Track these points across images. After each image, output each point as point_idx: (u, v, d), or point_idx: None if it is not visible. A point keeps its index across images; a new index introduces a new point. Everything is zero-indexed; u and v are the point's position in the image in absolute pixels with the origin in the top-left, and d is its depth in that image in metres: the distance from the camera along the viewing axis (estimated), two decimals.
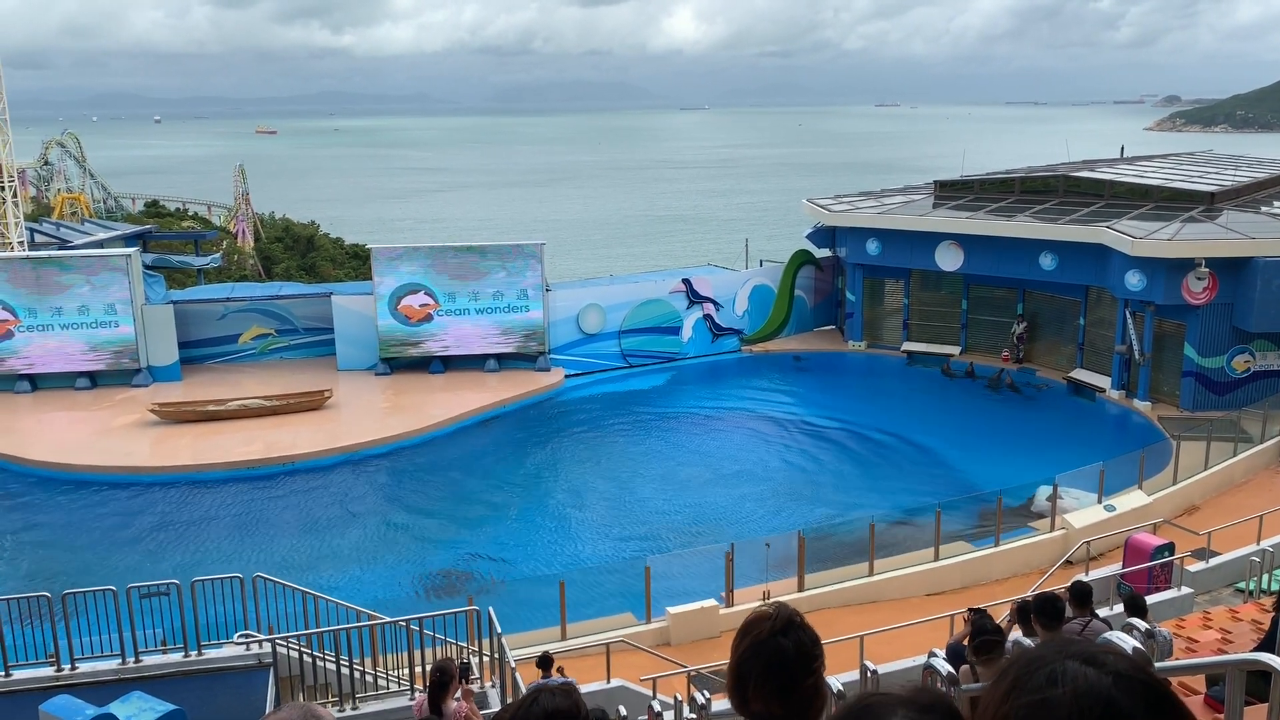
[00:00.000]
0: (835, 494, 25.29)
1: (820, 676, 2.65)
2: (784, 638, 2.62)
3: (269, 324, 34.34)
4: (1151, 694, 1.48)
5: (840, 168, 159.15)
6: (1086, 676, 1.48)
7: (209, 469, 25.86)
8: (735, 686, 2.65)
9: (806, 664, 2.62)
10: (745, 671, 2.61)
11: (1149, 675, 1.51)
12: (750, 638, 2.65)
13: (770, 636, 2.63)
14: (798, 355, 36.17)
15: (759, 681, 2.58)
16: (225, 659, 13.26)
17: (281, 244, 64.95)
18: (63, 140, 76.39)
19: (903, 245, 34.28)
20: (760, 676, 2.59)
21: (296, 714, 2.42)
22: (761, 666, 2.59)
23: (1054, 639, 1.62)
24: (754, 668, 2.60)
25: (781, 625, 2.65)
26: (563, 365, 33.61)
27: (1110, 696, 1.46)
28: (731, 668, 2.67)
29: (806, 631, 2.67)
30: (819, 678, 2.65)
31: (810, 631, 2.68)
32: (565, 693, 2.82)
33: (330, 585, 17.87)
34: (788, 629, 2.64)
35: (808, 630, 2.68)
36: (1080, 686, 1.47)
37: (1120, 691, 1.46)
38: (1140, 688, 1.48)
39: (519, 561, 21.82)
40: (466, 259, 32.88)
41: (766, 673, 2.58)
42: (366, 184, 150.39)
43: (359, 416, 29.31)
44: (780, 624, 2.65)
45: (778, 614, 2.69)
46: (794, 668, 2.59)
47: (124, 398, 30.71)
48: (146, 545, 22.44)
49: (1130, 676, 1.49)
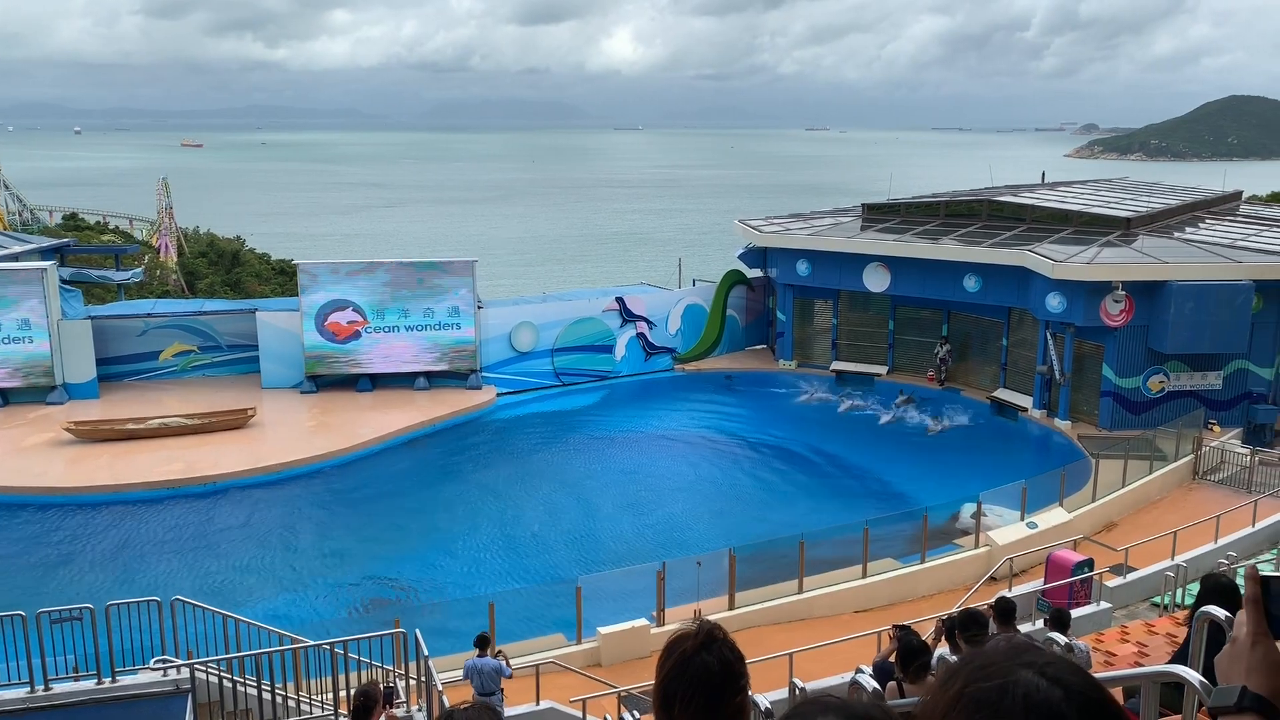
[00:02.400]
0: (766, 512, 25.43)
1: (745, 693, 2.64)
2: (707, 654, 2.60)
3: (191, 340, 33.53)
4: (1100, 711, 1.48)
5: (771, 189, 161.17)
6: (1039, 688, 1.48)
7: (127, 489, 25.08)
8: (661, 706, 2.61)
9: (733, 681, 2.60)
10: (671, 691, 2.58)
11: (1099, 691, 1.51)
12: (674, 657, 2.62)
13: (695, 654, 2.60)
14: (729, 374, 36.40)
15: (685, 700, 2.55)
16: (141, 685, 12.84)
17: (206, 259, 63.56)
18: None
19: (832, 266, 34.76)
20: (686, 695, 2.55)
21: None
22: (687, 685, 2.56)
23: (1001, 644, 1.62)
24: (679, 686, 2.57)
25: (704, 640, 2.62)
26: (495, 384, 33.36)
27: (1060, 710, 1.46)
28: (657, 688, 2.64)
29: (730, 647, 2.65)
30: (744, 695, 2.63)
31: (734, 647, 2.66)
32: (480, 708, 2.78)
33: (252, 608, 17.42)
34: (710, 645, 2.62)
35: (731, 646, 2.66)
36: (1032, 698, 1.47)
37: (1070, 706, 1.46)
38: (1089, 704, 1.48)
39: (448, 583, 21.52)
40: (397, 275, 32.51)
41: (692, 691, 2.55)
42: (294, 199, 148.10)
43: (284, 435, 28.72)
44: (702, 639, 2.63)
45: (699, 630, 2.66)
46: (719, 684, 2.57)
47: (37, 415, 29.71)
48: (59, 568, 21.66)
49: (1080, 693, 1.49)
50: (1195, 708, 4.01)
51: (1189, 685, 3.99)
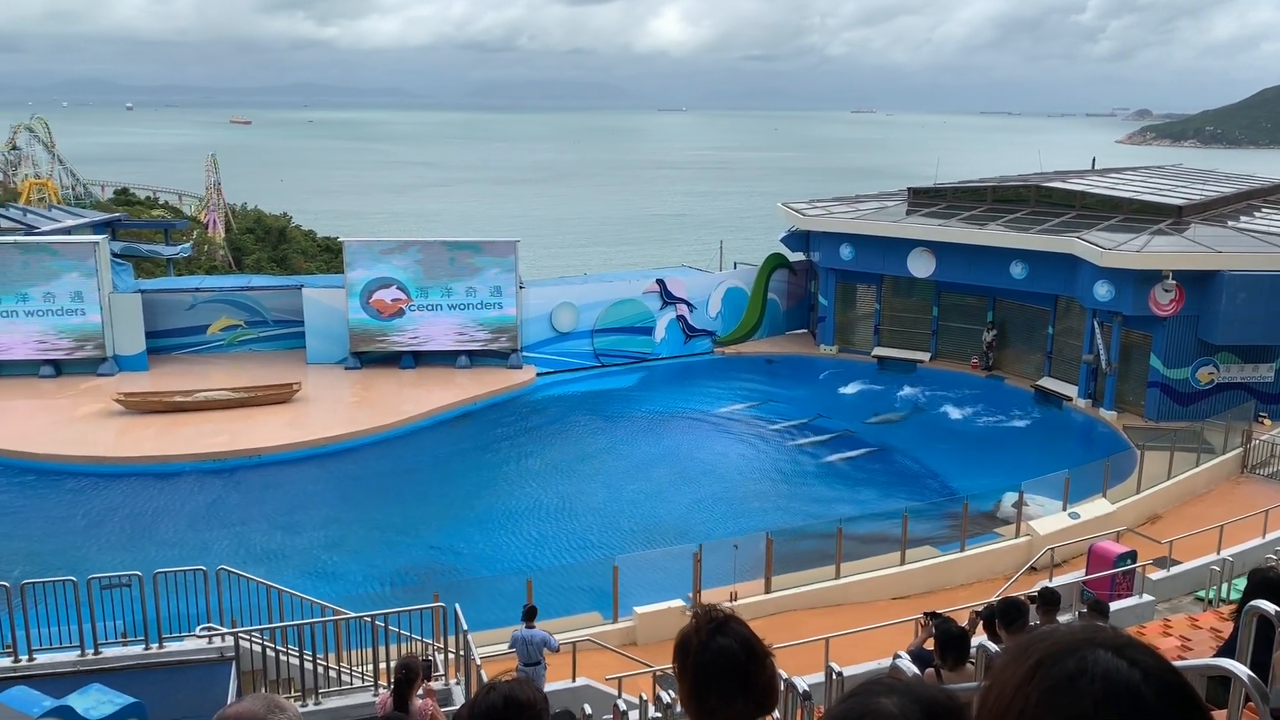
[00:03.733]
0: (804, 497, 25.38)
1: (774, 668, 2.62)
2: (723, 637, 2.56)
3: (238, 315, 34.03)
4: (1178, 694, 1.46)
5: (815, 172, 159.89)
6: (1118, 669, 1.45)
7: (174, 460, 25.57)
8: (695, 700, 2.57)
9: (758, 657, 2.57)
10: (702, 683, 2.54)
11: (1177, 675, 1.49)
12: (693, 650, 2.58)
13: (711, 639, 2.56)
14: (769, 358, 36.29)
15: (718, 688, 2.52)
16: (187, 652, 13.12)
17: (253, 235, 64.34)
18: (31, 125, 75.26)
19: (876, 251, 34.48)
20: (717, 682, 2.52)
21: (260, 704, 2.41)
22: (715, 672, 2.53)
23: (1074, 624, 1.60)
24: (708, 676, 2.54)
25: (716, 626, 2.58)
26: (535, 363, 33.53)
27: (1139, 692, 1.43)
28: (687, 687, 2.59)
29: (742, 625, 2.62)
30: (773, 670, 2.61)
31: (745, 625, 2.63)
32: (521, 682, 2.81)
33: (295, 579, 17.70)
34: (722, 628, 2.58)
35: (742, 623, 2.63)
36: (1111, 678, 1.45)
37: (1149, 688, 1.44)
38: (1168, 687, 1.45)
39: (487, 559, 21.73)
40: (441, 254, 32.72)
41: (722, 676, 2.52)
42: (341, 177, 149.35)
43: (327, 410, 29.09)
44: (714, 624, 2.59)
45: (707, 617, 2.62)
46: (746, 663, 2.54)
47: (89, 386, 30.32)
48: (108, 536, 22.16)
49: (1159, 675, 1.46)
50: (1242, 702, 3.97)
51: (1236, 680, 3.94)
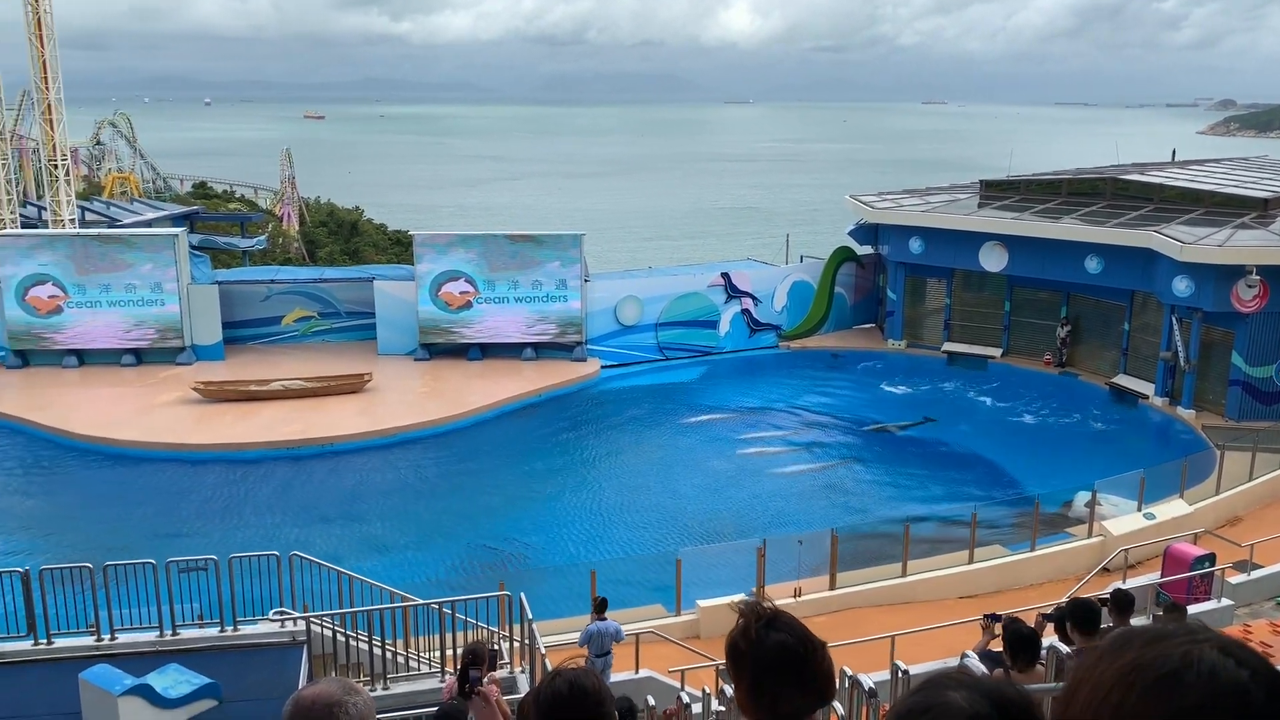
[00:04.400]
0: (870, 493, 25.15)
1: (829, 655, 2.59)
2: (777, 632, 2.54)
3: (312, 307, 34.73)
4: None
5: (884, 164, 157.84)
6: (1225, 667, 1.41)
7: (249, 448, 26.20)
8: (753, 698, 2.53)
9: (814, 649, 2.55)
10: (761, 680, 2.51)
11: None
12: (747, 653, 2.54)
13: (765, 636, 2.53)
14: (835, 352, 35.97)
15: (779, 684, 2.49)
16: (260, 635, 13.46)
17: (326, 228, 65.58)
18: (114, 120, 77.59)
19: (946, 244, 33.96)
20: (776, 678, 2.49)
21: (336, 687, 2.47)
22: (775, 670, 2.50)
23: (1168, 622, 1.55)
24: (766, 675, 2.50)
25: (767, 621, 2.55)
26: (599, 356, 33.67)
27: (1246, 690, 1.39)
28: (746, 690, 2.55)
29: (790, 618, 2.59)
30: (830, 658, 2.59)
31: (793, 617, 2.61)
32: (585, 670, 2.84)
33: (364, 566, 18.03)
34: (774, 623, 2.55)
35: (792, 617, 2.60)
36: (1218, 676, 1.40)
37: (1258, 688, 1.40)
38: (1277, 689, 1.41)
39: (550, 549, 21.91)
40: (507, 247, 33.02)
41: (781, 670, 2.49)
42: (412, 171, 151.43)
43: (397, 401, 29.57)
44: (765, 620, 2.55)
45: (756, 614, 2.58)
46: (803, 656, 2.52)
47: (167, 375, 31.20)
48: (186, 520, 22.80)
49: (1267, 675, 1.42)
50: None
51: None
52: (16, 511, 23.62)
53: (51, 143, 37.91)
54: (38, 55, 36.53)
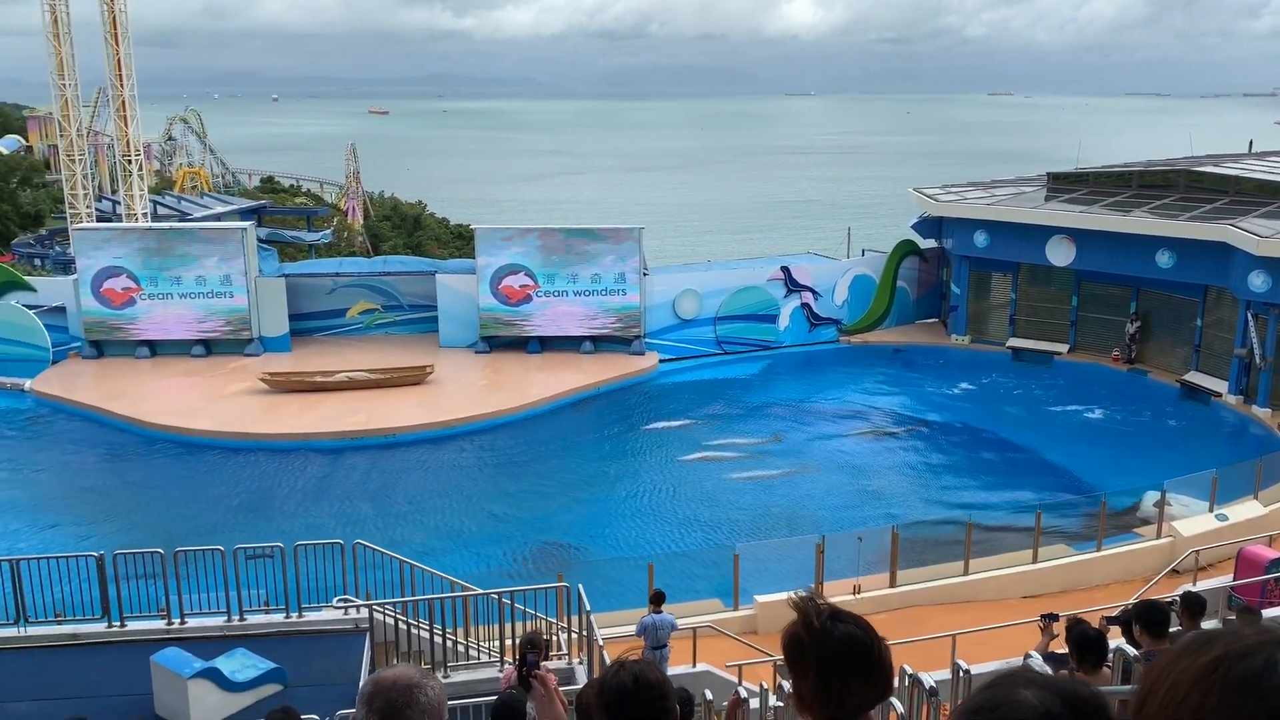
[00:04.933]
0: (932, 490, 24.84)
1: (890, 656, 2.57)
2: (844, 625, 2.51)
3: (375, 299, 35.25)
4: None
5: (949, 157, 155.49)
6: None
7: (314, 437, 26.69)
8: (820, 693, 2.50)
9: (878, 643, 2.52)
10: (829, 674, 2.48)
11: None
12: (812, 647, 2.50)
13: (832, 630, 2.50)
14: (898, 347, 35.57)
15: (848, 676, 2.47)
16: (324, 622, 13.71)
17: (389, 222, 66.49)
18: (186, 116, 79.38)
19: (1012, 238, 33.38)
20: (847, 671, 2.47)
21: (415, 671, 2.53)
22: (843, 663, 2.47)
23: (1245, 625, 1.51)
24: (835, 669, 2.47)
25: (831, 614, 2.52)
26: (657, 349, 33.68)
27: None
28: (813, 685, 2.51)
29: (847, 612, 2.57)
30: (890, 657, 2.57)
31: (853, 614, 2.59)
32: (649, 663, 2.84)
33: (424, 555, 18.27)
34: (838, 617, 2.52)
35: (847, 611, 2.58)
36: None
37: None
38: None
39: (607, 542, 21.99)
40: (567, 241, 33.18)
41: (851, 665, 2.47)
42: (474, 165, 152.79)
43: (459, 392, 29.89)
44: (829, 613, 2.52)
45: (819, 609, 2.54)
46: (869, 649, 2.50)
47: (236, 366, 31.89)
48: (252, 508, 23.31)
49: None
50: None
51: None
52: (92, 498, 24.33)
53: (126, 138, 38.94)
54: (113, 54, 37.54)
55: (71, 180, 39.97)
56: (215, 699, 11.65)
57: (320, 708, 9.93)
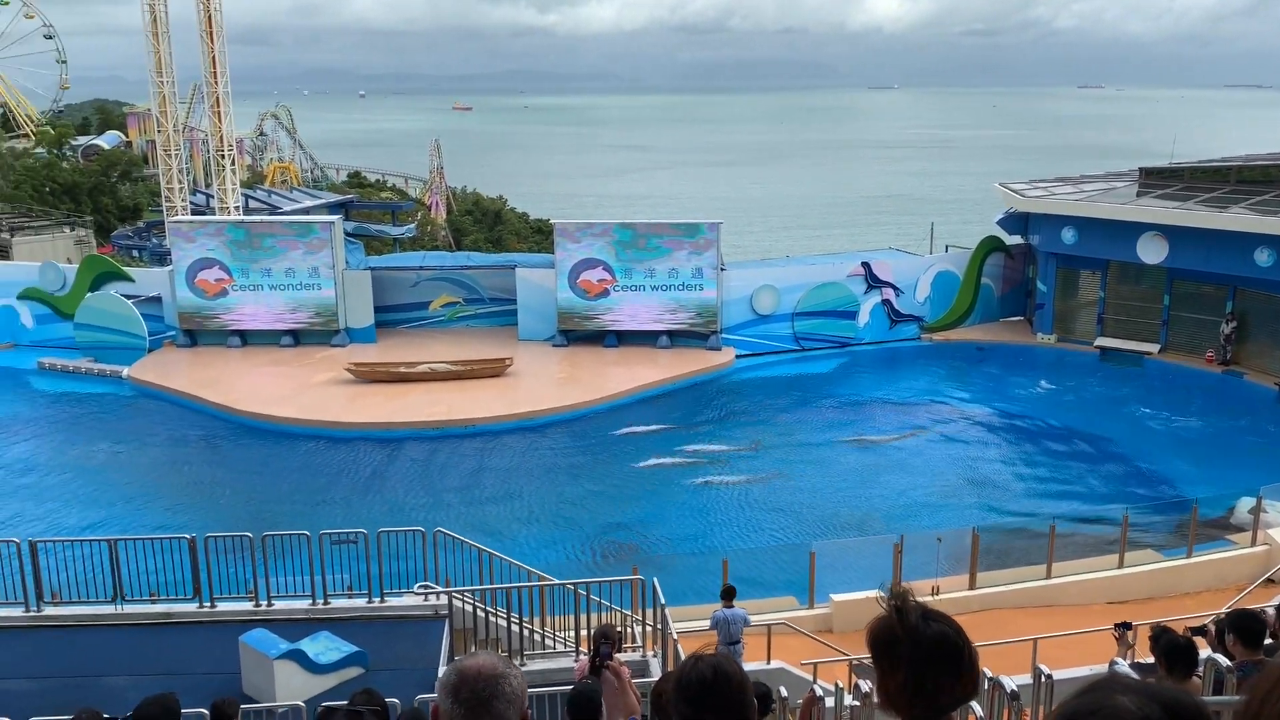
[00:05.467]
0: (1014, 492, 24.33)
1: (977, 656, 2.56)
2: (935, 623, 2.51)
3: (457, 293, 35.80)
4: None
5: (1036, 151, 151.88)
6: None
7: (397, 427, 27.23)
8: (911, 688, 2.51)
9: (967, 644, 2.52)
10: (921, 676, 2.49)
11: None
12: (904, 643, 2.51)
13: (924, 627, 2.51)
14: (981, 345, 34.89)
15: (939, 674, 2.48)
16: (405, 608, 13.99)
17: (471, 217, 67.42)
18: (276, 113, 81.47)
19: (1102, 234, 32.49)
20: (938, 670, 2.48)
21: (498, 660, 2.57)
22: (935, 661, 2.48)
23: None
24: (926, 666, 2.48)
25: (923, 613, 2.53)
26: (734, 345, 33.56)
27: None
28: (901, 681, 2.52)
29: (938, 611, 2.57)
30: (977, 657, 2.55)
31: (944, 613, 2.57)
32: (727, 657, 2.86)
33: (501, 544, 18.51)
34: (929, 615, 2.53)
35: (938, 611, 2.57)
36: None
37: None
38: None
39: (682, 536, 22.02)
40: (644, 236, 33.24)
41: (942, 663, 2.48)
42: (554, 161, 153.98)
43: (537, 385, 30.20)
44: (920, 612, 2.53)
45: (912, 605, 2.55)
46: (959, 650, 2.50)
47: (323, 356, 32.67)
48: (337, 495, 23.88)
49: None
50: None
51: None
52: (184, 482, 25.19)
53: (219, 134, 40.12)
54: (208, 51, 38.71)
55: (168, 174, 41.31)
56: (300, 680, 11.97)
57: (400, 692, 10.14)
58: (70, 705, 8.83)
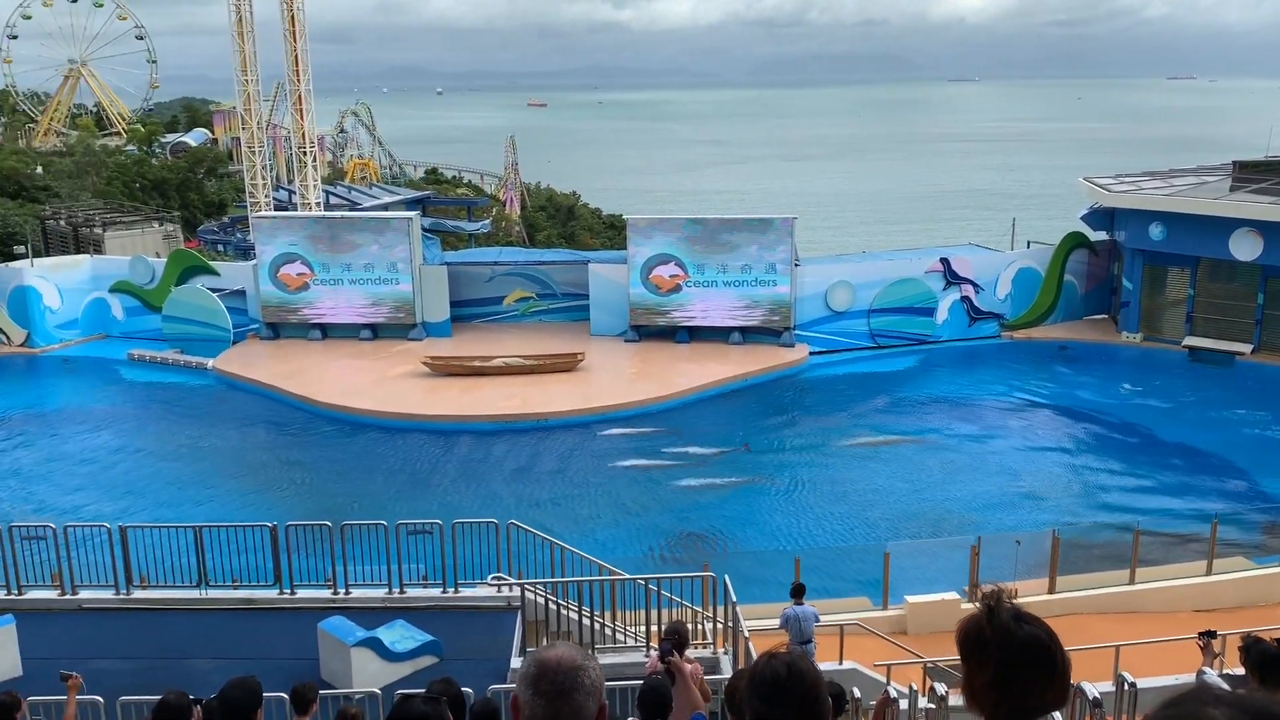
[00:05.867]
0: (1096, 495, 23.72)
1: (1069, 663, 2.52)
2: (1029, 625, 2.49)
3: (531, 288, 36.10)
4: None
5: (1123, 144, 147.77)
6: None
7: (472, 420, 27.57)
8: (998, 686, 2.48)
9: (1061, 649, 2.49)
10: (1010, 677, 2.46)
11: None
12: (993, 643, 2.49)
13: (1017, 628, 2.48)
14: (1064, 344, 34.05)
15: (1028, 677, 2.45)
16: (479, 598, 14.17)
17: (545, 213, 67.94)
18: (356, 110, 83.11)
19: (1192, 230, 31.45)
20: (1027, 672, 2.45)
21: (577, 652, 2.57)
22: (1025, 663, 2.46)
23: None
24: (1016, 667, 2.46)
25: (1013, 614, 2.50)
26: (807, 342, 33.26)
27: None
28: (989, 680, 2.50)
29: (1032, 614, 2.54)
30: (1069, 658, 2.52)
31: (1037, 616, 2.54)
32: (803, 655, 2.83)
33: (572, 538, 18.61)
34: (1022, 617, 2.51)
35: (1031, 614, 2.54)
36: None
37: None
38: None
39: (754, 534, 21.90)
40: (717, 232, 33.12)
41: (1033, 666, 2.46)
42: (628, 156, 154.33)
43: (608, 380, 30.30)
44: (1012, 613, 2.50)
45: (1003, 605, 2.52)
46: (1054, 653, 2.47)
47: (400, 350, 33.21)
48: (413, 486, 24.26)
49: None
50: None
51: None
52: (266, 471, 25.83)
53: (301, 131, 41.01)
54: (290, 50, 39.57)
55: (252, 170, 42.37)
56: (376, 667, 12.20)
57: (473, 682, 10.25)
58: (157, 686, 9.10)
